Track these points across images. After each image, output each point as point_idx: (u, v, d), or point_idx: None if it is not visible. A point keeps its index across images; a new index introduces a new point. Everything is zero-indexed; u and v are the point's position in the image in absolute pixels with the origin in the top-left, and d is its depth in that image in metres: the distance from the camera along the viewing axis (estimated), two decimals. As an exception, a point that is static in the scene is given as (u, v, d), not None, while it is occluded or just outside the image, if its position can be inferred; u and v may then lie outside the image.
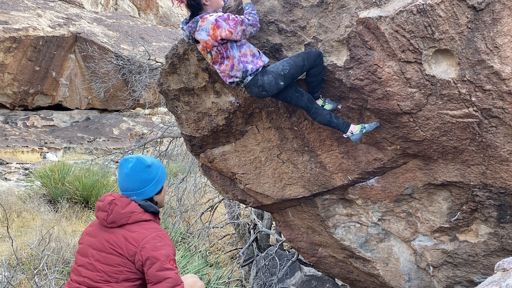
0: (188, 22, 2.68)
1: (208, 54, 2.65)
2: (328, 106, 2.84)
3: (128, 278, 2.10)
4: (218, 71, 2.74)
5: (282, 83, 2.62)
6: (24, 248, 5.51)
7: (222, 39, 2.53)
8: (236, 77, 2.66)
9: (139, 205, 2.21)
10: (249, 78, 2.64)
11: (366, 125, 2.78)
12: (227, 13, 2.56)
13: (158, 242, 2.11)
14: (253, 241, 6.12)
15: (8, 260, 5.02)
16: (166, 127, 8.33)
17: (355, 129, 2.77)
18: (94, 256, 2.14)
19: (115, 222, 2.16)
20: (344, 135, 2.81)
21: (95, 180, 8.60)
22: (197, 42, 2.66)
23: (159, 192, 2.33)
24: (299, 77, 2.74)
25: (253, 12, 2.56)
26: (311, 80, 2.74)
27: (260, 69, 2.63)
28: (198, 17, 2.60)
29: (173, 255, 2.14)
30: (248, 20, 2.52)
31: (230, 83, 2.73)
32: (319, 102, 2.83)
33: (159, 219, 2.33)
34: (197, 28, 2.59)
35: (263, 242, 6.96)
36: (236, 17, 2.52)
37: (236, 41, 2.58)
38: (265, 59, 2.68)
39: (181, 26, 2.70)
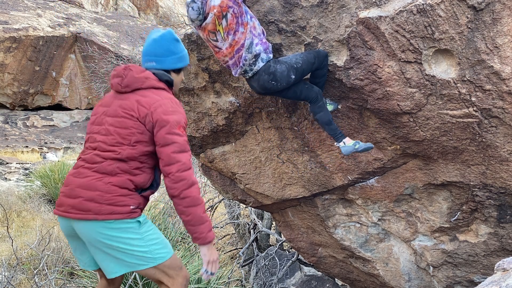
0: None
1: (223, 20, 2.48)
2: (329, 107, 2.84)
3: (139, 140, 2.10)
4: (227, 50, 2.55)
5: (293, 77, 2.58)
6: (24, 248, 5.51)
7: None
8: (245, 60, 2.54)
9: (154, 73, 2.22)
10: (261, 64, 2.55)
11: (361, 143, 2.73)
12: None
13: (170, 107, 2.11)
14: (253, 241, 6.12)
15: (8, 260, 5.02)
16: (166, 127, 8.31)
17: (349, 141, 2.72)
18: (108, 121, 2.15)
19: (129, 86, 2.18)
20: (336, 143, 2.77)
21: (95, 180, 8.58)
22: (205, 19, 2.52)
23: (178, 71, 2.33)
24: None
25: None
26: (316, 82, 2.71)
27: (271, 57, 2.59)
28: None
29: (184, 123, 2.14)
30: None
31: (238, 71, 2.59)
32: (324, 101, 2.81)
33: (172, 91, 2.31)
34: None
35: (263, 242, 6.96)
36: None
37: (248, 7, 2.52)
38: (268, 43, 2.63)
39: (187, 2, 2.54)
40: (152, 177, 2.18)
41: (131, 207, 2.06)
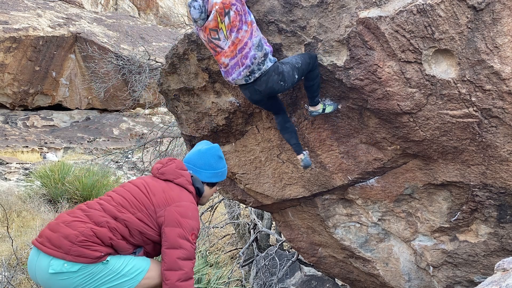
0: None
1: (225, 17, 2.42)
2: (329, 108, 2.84)
3: (142, 219, 2.12)
4: (229, 48, 2.47)
5: (296, 77, 2.58)
6: (24, 248, 5.51)
7: None
8: (255, 58, 2.47)
9: (192, 176, 2.31)
10: (269, 64, 2.52)
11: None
12: None
13: (190, 212, 2.15)
14: (253, 241, 6.12)
15: (8, 260, 5.02)
16: (166, 127, 8.33)
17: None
18: (130, 188, 2.21)
19: (164, 174, 2.25)
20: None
21: (95, 180, 8.61)
22: (208, 17, 2.47)
23: (211, 185, 2.41)
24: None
25: None
26: (311, 84, 2.70)
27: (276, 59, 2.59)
28: None
29: (197, 230, 2.17)
30: None
31: (241, 73, 2.51)
32: (320, 106, 2.81)
33: (198, 200, 2.37)
34: None
35: (263, 242, 6.96)
36: None
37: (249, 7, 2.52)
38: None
39: (189, 3, 2.50)
40: (131, 251, 2.16)
41: (102, 253, 2.03)
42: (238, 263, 5.90)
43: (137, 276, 2.09)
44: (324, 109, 2.83)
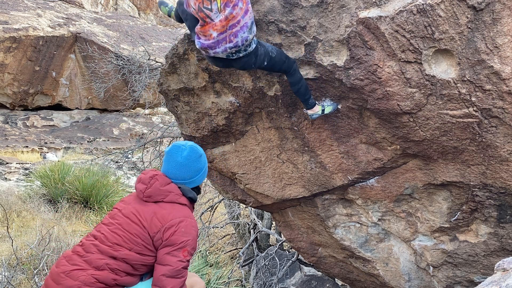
0: None
1: None
2: (328, 109, 2.84)
3: (141, 251, 2.08)
4: (220, 23, 2.35)
5: (265, 63, 2.58)
6: (24, 248, 5.51)
7: None
8: (246, 40, 2.41)
9: (179, 187, 2.19)
10: (253, 46, 2.49)
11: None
12: None
13: (183, 228, 2.08)
14: (253, 241, 6.12)
15: (8, 260, 5.02)
16: (166, 127, 8.34)
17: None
18: (119, 220, 2.13)
19: (151, 197, 2.15)
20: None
21: (95, 180, 8.61)
22: None
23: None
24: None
25: None
26: (297, 88, 2.73)
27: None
28: None
29: (192, 248, 2.10)
30: None
31: (226, 48, 2.42)
32: (318, 108, 2.83)
33: (193, 207, 2.30)
34: None
35: (263, 242, 6.96)
36: None
37: None
38: None
39: None
40: (138, 281, 2.15)
41: None
42: (238, 263, 5.90)
43: None
44: (323, 110, 2.83)
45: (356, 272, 3.83)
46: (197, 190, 2.31)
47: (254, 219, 6.43)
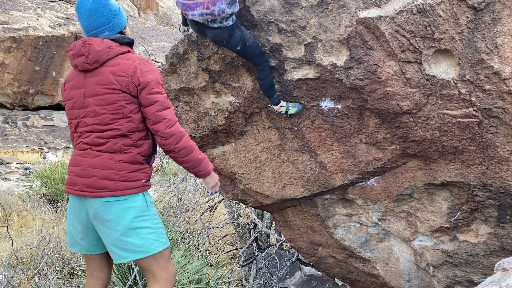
0: None
1: None
2: (292, 110, 2.92)
3: (131, 110, 2.13)
4: None
5: (238, 48, 2.63)
6: (24, 248, 5.51)
7: None
8: (223, 12, 2.44)
9: (112, 39, 2.19)
10: (230, 22, 2.54)
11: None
12: None
13: (144, 67, 2.14)
14: (253, 241, 6.12)
15: (8, 260, 5.02)
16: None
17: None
18: (91, 102, 2.14)
19: (96, 61, 2.14)
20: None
21: (95, 180, 8.59)
22: None
23: (125, 25, 2.32)
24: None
25: None
26: (261, 84, 2.83)
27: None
28: None
29: (161, 79, 2.19)
30: None
31: (202, 13, 2.46)
32: (282, 108, 2.91)
33: (133, 50, 2.32)
34: None
35: (263, 242, 6.96)
36: None
37: None
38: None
39: None
40: (151, 139, 2.26)
41: (143, 181, 2.18)
42: (238, 263, 5.90)
43: (160, 245, 2.21)
44: (287, 112, 2.94)
45: (356, 272, 3.83)
46: (130, 40, 2.27)
47: (254, 219, 6.43)
